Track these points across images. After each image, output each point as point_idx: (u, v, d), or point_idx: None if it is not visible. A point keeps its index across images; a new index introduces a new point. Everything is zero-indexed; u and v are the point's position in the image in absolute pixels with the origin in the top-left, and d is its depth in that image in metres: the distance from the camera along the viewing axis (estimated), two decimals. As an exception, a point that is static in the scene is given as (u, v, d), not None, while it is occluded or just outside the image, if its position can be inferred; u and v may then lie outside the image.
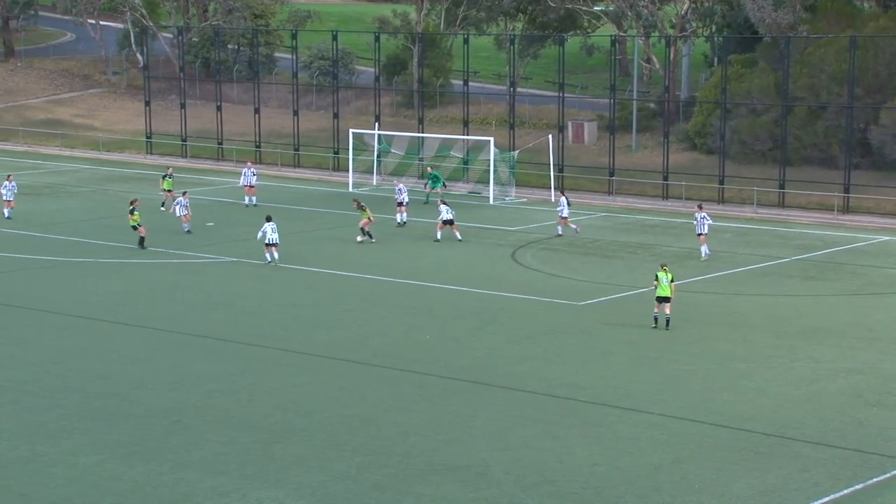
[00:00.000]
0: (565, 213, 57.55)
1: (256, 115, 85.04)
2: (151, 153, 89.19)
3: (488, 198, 68.45)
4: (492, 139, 70.28)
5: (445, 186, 67.91)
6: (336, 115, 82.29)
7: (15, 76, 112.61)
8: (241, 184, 67.40)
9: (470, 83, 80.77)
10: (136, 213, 53.75)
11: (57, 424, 30.72)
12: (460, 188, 70.55)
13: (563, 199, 58.05)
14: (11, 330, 40.32)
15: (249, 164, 69.58)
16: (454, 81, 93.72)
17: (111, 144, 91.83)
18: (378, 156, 74.01)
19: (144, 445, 29.24)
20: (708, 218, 52.58)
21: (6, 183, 62.17)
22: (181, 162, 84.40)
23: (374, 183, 72.32)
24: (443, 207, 55.99)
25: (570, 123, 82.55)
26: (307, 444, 29.39)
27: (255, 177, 66.77)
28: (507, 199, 69.72)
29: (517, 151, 73.87)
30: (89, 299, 44.64)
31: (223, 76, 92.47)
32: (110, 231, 58.12)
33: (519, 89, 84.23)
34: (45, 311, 42.59)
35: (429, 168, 70.32)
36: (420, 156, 77.59)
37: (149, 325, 40.89)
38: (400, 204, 60.72)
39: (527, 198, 70.25)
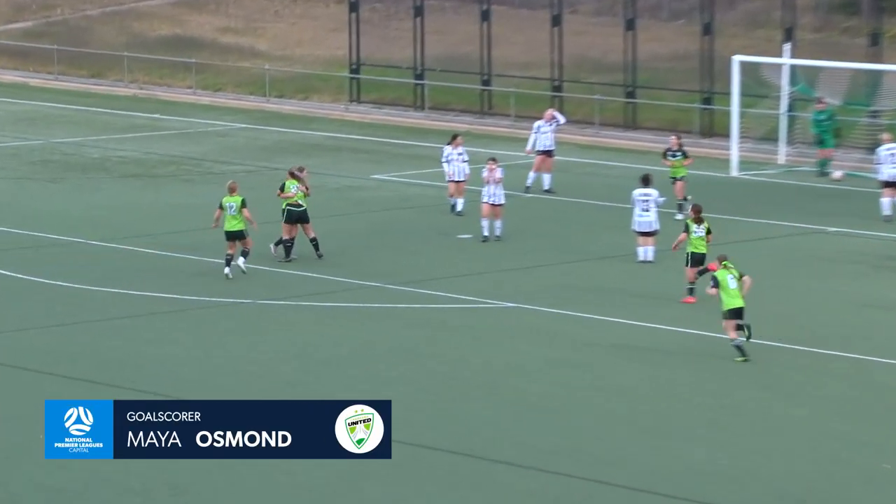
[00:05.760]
0: None
1: (555, 30, 63.53)
2: (358, 101, 65.35)
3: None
4: None
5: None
6: (708, 31, 61.03)
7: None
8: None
9: None
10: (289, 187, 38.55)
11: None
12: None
13: None
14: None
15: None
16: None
17: (286, 84, 68.93)
18: (790, 107, 54.59)
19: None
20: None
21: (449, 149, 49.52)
22: (411, 119, 61.51)
23: (782, 160, 52.88)
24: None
25: None
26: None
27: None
28: None
29: None
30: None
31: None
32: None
33: None
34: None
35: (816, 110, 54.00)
36: (871, 107, 56.28)
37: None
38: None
39: None
